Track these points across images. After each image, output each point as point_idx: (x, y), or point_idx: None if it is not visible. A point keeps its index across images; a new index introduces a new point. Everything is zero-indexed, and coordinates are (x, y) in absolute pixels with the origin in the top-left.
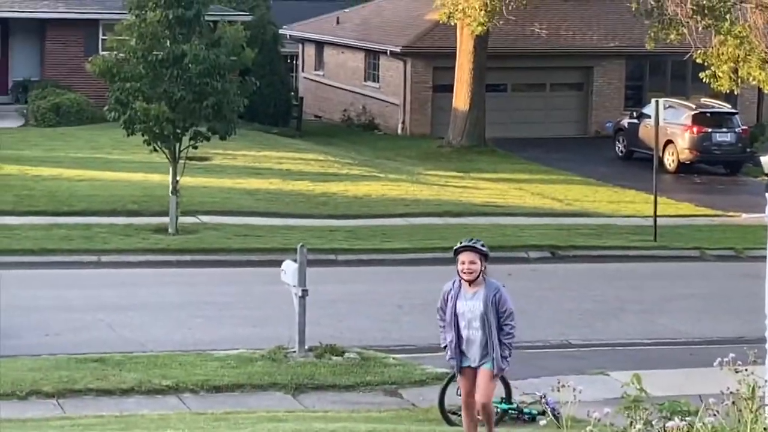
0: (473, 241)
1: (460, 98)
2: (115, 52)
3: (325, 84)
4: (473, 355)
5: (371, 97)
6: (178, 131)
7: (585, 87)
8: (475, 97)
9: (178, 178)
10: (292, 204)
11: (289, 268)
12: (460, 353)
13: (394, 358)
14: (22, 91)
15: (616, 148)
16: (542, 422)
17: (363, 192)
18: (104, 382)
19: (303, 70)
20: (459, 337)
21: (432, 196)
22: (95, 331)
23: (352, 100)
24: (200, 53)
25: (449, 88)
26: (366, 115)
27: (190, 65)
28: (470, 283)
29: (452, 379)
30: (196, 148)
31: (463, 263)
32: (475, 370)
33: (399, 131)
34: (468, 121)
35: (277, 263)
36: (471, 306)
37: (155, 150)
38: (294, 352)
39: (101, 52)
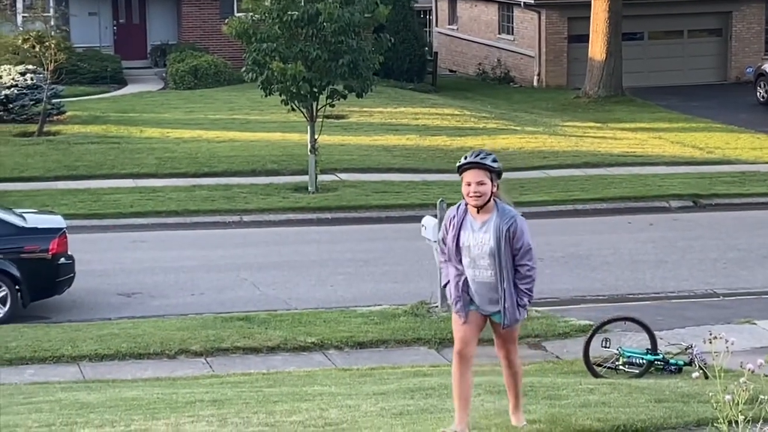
0: (481, 156)
1: (596, 48)
2: (250, 14)
3: (459, 38)
4: (480, 300)
5: (506, 49)
6: (315, 90)
7: (724, 32)
8: (612, 46)
9: (316, 137)
10: (430, 159)
11: (429, 223)
12: (467, 294)
13: (536, 311)
14: (161, 54)
15: (758, 93)
16: (694, 375)
17: (500, 145)
18: (250, 340)
19: (437, 25)
20: (462, 275)
21: (570, 147)
22: (239, 290)
23: (487, 54)
24: (335, 12)
25: (584, 39)
26: (501, 68)
27: (324, 24)
28: (478, 209)
29: (597, 330)
30: (333, 106)
31: (469, 184)
32: (484, 317)
33: (534, 83)
34: (604, 70)
35: (417, 219)
36: (479, 240)
37: (293, 109)
38: (436, 306)
39: (237, 14)
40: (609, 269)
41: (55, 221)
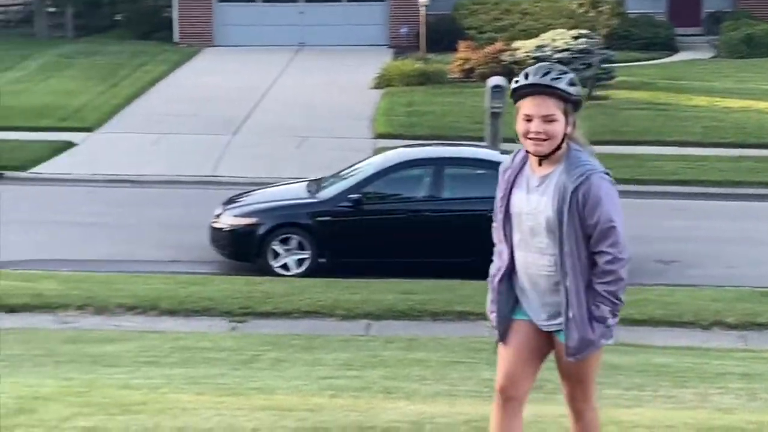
0: (552, 76)
1: None
2: None
3: None
4: (531, 305)
5: None
6: None
7: None
8: None
9: None
10: None
11: None
12: (511, 297)
13: None
14: (714, 22)
15: None
16: None
17: None
18: None
19: None
20: (512, 259)
21: None
22: None
23: None
24: None
25: None
26: None
27: None
28: (541, 159)
29: None
30: None
31: (529, 120)
32: (542, 333)
33: None
34: None
35: None
36: (533, 204)
37: None
38: None
39: None
40: None
41: None
